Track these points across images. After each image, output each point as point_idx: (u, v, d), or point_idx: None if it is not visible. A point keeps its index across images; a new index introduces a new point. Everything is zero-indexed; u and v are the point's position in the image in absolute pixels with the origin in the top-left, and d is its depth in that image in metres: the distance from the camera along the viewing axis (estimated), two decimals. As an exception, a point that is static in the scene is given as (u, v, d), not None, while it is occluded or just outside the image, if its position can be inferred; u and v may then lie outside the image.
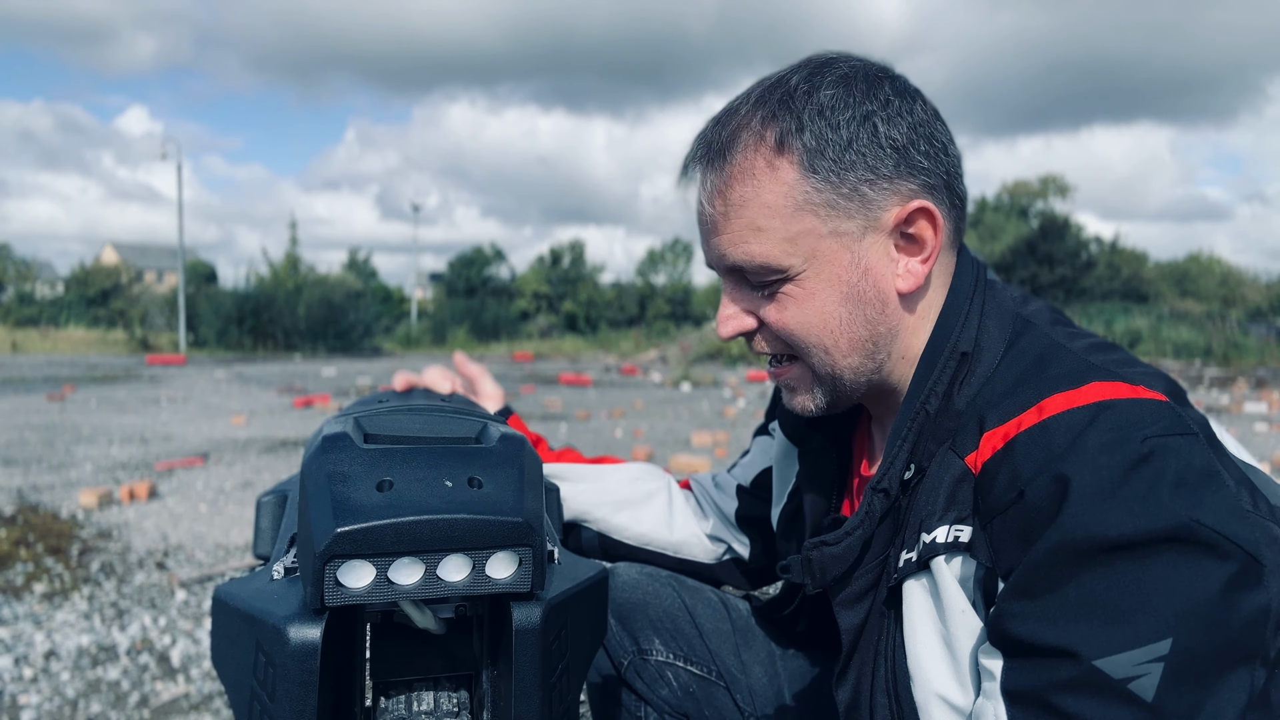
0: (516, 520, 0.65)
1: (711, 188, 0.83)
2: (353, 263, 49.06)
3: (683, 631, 1.18)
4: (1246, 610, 0.64)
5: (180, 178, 29.10)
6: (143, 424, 8.92)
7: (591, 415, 10.19)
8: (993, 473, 0.72)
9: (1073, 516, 0.66)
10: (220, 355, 24.31)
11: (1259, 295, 32.25)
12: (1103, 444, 0.68)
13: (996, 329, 0.83)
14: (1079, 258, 32.14)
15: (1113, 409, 0.70)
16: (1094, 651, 0.63)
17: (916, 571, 0.78)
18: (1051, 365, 0.77)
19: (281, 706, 0.63)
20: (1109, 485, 0.66)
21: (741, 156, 0.82)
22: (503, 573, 0.66)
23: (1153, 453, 0.67)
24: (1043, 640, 0.66)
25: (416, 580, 0.64)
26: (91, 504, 5.06)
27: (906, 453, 0.81)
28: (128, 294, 38.69)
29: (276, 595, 0.67)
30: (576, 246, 49.99)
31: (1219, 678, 0.64)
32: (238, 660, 0.66)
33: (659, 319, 41.15)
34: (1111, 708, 0.63)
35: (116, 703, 2.59)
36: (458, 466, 0.69)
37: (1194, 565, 0.64)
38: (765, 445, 1.21)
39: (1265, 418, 10.18)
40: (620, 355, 26.24)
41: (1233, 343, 21.36)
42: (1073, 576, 0.65)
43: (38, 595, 3.52)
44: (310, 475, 0.67)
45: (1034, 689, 0.66)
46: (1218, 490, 0.67)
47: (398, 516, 0.63)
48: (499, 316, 36.01)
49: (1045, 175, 43.50)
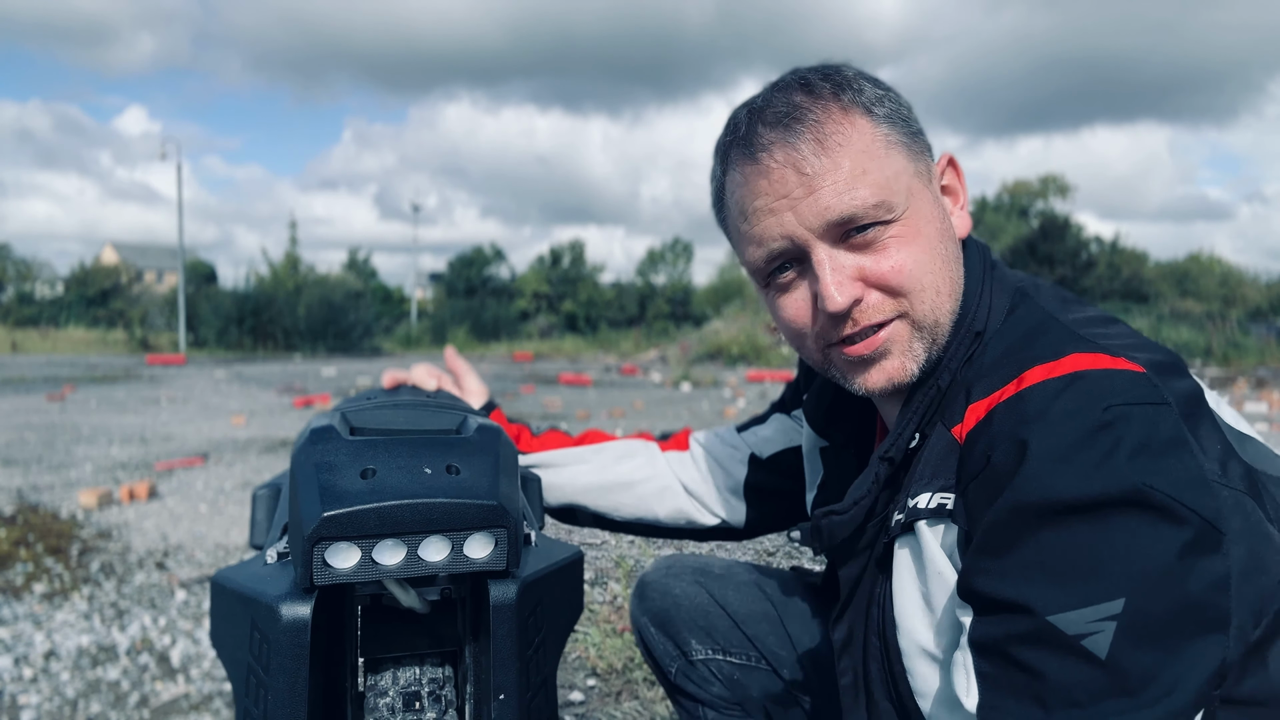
0: (491, 503, 0.70)
1: (806, 149, 0.81)
2: (352, 263, 49.07)
3: (716, 625, 1.20)
4: (1205, 576, 0.65)
5: (180, 178, 29.12)
6: (143, 424, 8.92)
7: (591, 415, 10.20)
8: (973, 442, 0.76)
9: (1028, 478, 0.68)
10: (220, 355, 24.32)
11: (1259, 295, 32.27)
12: (1067, 411, 0.70)
13: (996, 309, 0.86)
14: (1079, 258, 32.15)
15: (1086, 379, 0.72)
16: (1048, 607, 0.65)
17: (903, 533, 0.81)
18: (1039, 338, 0.79)
19: (276, 679, 0.67)
20: (1066, 449, 0.68)
21: (825, 117, 0.82)
22: (480, 553, 0.71)
23: (1115, 420, 0.68)
24: (1002, 595, 0.68)
25: (399, 561, 0.69)
26: (91, 504, 5.06)
27: (915, 424, 0.84)
28: (128, 294, 38.74)
29: (270, 577, 0.71)
30: (576, 246, 50.03)
31: (1181, 643, 0.64)
32: (235, 639, 0.71)
33: (659, 319, 41.18)
34: (1066, 662, 0.64)
35: (116, 703, 2.59)
36: (437, 455, 0.73)
37: (1148, 529, 0.65)
38: (787, 426, 1.21)
39: (1265, 418, 10.19)
40: (620, 355, 26.24)
41: (1233, 343, 21.37)
42: (1029, 536, 0.67)
43: (38, 595, 3.52)
44: (299, 465, 0.72)
45: (995, 641, 0.68)
46: (1180, 458, 0.68)
47: (380, 501, 0.68)
48: (499, 316, 36.01)
49: (1045, 175, 43.58)
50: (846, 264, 0.82)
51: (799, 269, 0.86)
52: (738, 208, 0.87)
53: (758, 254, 0.86)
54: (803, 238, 0.82)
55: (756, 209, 0.84)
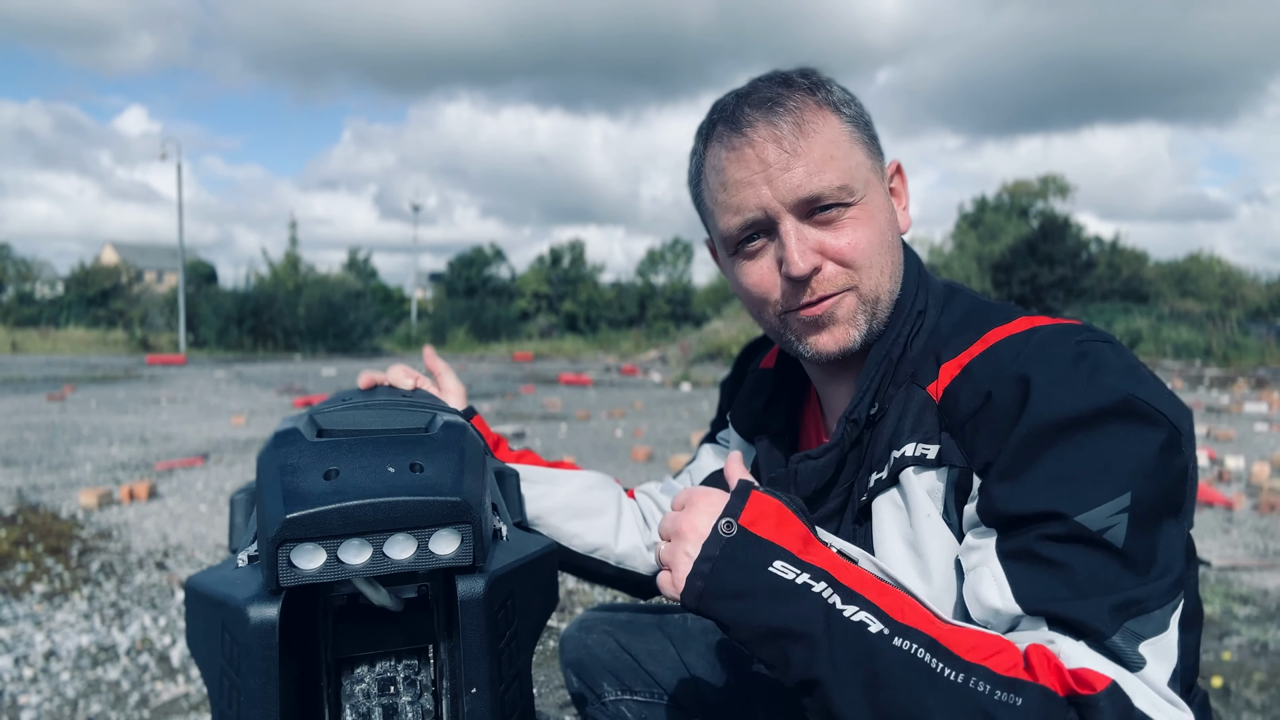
0: (455, 499, 0.71)
1: (786, 130, 0.92)
2: (352, 263, 49.06)
3: (623, 668, 1.31)
4: (1175, 469, 0.78)
5: (180, 178, 29.11)
6: (143, 424, 8.92)
7: (591, 415, 10.19)
8: (955, 393, 0.86)
9: (1039, 403, 0.79)
10: (220, 355, 24.32)
11: (1259, 295, 32.24)
12: (1048, 350, 0.82)
13: (935, 294, 1.00)
14: (1079, 258, 32.13)
15: (1041, 330, 0.86)
16: (1076, 509, 0.75)
17: (887, 487, 0.90)
18: (985, 311, 0.94)
19: (247, 681, 0.68)
20: (1061, 376, 0.80)
21: (803, 106, 0.94)
22: (446, 549, 0.71)
23: (1087, 351, 0.82)
24: (1032, 509, 0.77)
25: (365, 560, 0.70)
26: (91, 504, 5.06)
27: (873, 391, 0.94)
28: (128, 294, 38.73)
29: (240, 580, 0.72)
30: (576, 246, 50.01)
31: (1163, 525, 0.77)
32: (209, 641, 0.71)
33: (659, 319, 41.18)
34: (1092, 554, 0.75)
35: (116, 703, 2.59)
36: (401, 453, 0.74)
37: (1137, 432, 0.77)
38: (715, 450, 1.28)
39: (1265, 418, 10.18)
40: (620, 355, 26.24)
41: (1233, 343, 21.36)
42: (1045, 453, 0.78)
43: (38, 595, 3.52)
44: (264, 469, 0.73)
45: (1025, 546, 0.77)
46: (1146, 374, 0.82)
47: (343, 501, 0.68)
48: (499, 316, 36.00)
49: (1045, 175, 43.44)
50: (810, 236, 0.93)
51: (767, 239, 0.96)
52: (719, 179, 0.96)
53: (734, 221, 0.95)
54: (774, 210, 0.92)
55: (737, 180, 0.94)
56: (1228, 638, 3.19)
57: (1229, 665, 2.93)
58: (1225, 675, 2.82)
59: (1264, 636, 3.17)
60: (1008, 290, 31.78)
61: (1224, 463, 6.85)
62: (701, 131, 1.00)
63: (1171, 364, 20.02)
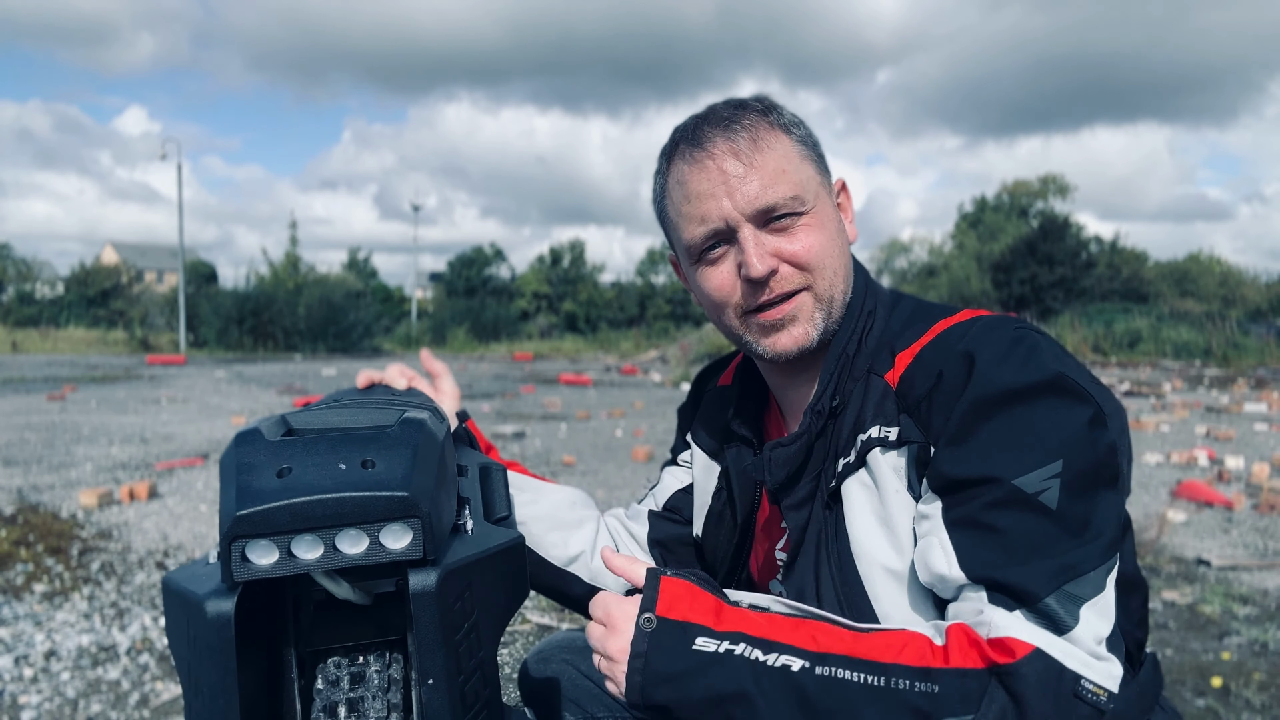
0: (403, 494, 0.72)
1: (743, 145, 1.01)
2: (353, 263, 49.08)
3: (584, 694, 1.34)
4: (1103, 443, 0.86)
5: (180, 178, 29.11)
6: (143, 424, 8.92)
7: (591, 415, 10.19)
8: (910, 378, 0.95)
9: (981, 377, 0.87)
10: (220, 355, 24.32)
11: (1259, 295, 32.25)
12: (990, 334, 0.92)
13: (882, 298, 1.09)
14: (1079, 258, 32.12)
15: (982, 319, 0.96)
16: (1011, 474, 0.83)
17: (855, 469, 0.97)
18: (931, 308, 1.04)
19: (207, 673, 0.71)
20: (1002, 354, 0.89)
21: (757, 124, 1.03)
22: (397, 543, 0.73)
23: (1023, 335, 0.91)
24: (972, 474, 0.85)
25: (318, 555, 0.72)
26: (91, 504, 5.07)
27: (834, 384, 1.02)
28: (128, 294, 38.76)
29: (205, 576, 0.75)
30: (576, 246, 50.00)
31: (1098, 495, 0.84)
32: (177, 635, 0.75)
33: (659, 319, 41.19)
34: (1028, 517, 0.83)
35: (116, 703, 2.59)
36: (354, 451, 0.76)
37: (1068, 406, 0.86)
38: (677, 472, 1.33)
39: (1265, 418, 10.18)
40: (620, 355, 26.24)
41: (1233, 343, 21.36)
42: (986, 422, 0.86)
43: (38, 595, 3.52)
44: (223, 469, 0.76)
45: (968, 514, 0.85)
46: (1073, 358, 0.92)
47: (292, 498, 0.70)
48: (499, 316, 35.99)
49: (1045, 175, 43.42)
50: (766, 242, 1.01)
51: (728, 246, 1.04)
52: (682, 192, 1.04)
53: (698, 230, 1.03)
54: (734, 219, 1.01)
55: (700, 192, 1.02)
56: (1228, 638, 3.19)
57: (1229, 665, 2.93)
58: (1225, 675, 2.82)
59: (1264, 636, 3.17)
60: (1008, 290, 31.79)
61: (1224, 463, 6.86)
62: (665, 152, 1.09)
63: (1171, 364, 20.02)
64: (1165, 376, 16.62)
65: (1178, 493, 5.70)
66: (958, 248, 40.82)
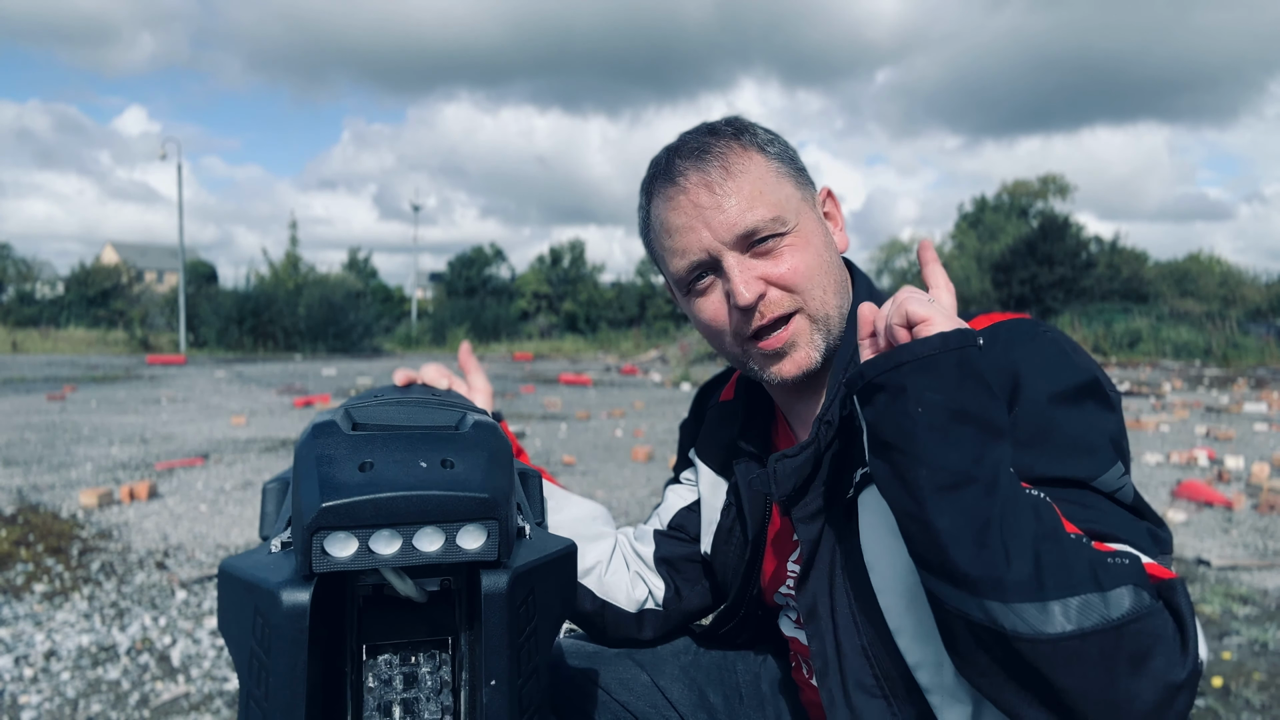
0: (483, 496, 0.73)
1: (715, 174, 1.00)
2: (353, 263, 49.06)
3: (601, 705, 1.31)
4: (1125, 433, 0.91)
5: (180, 178, 29.10)
6: (143, 424, 8.92)
7: (591, 415, 10.20)
8: None
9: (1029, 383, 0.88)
10: (220, 355, 24.32)
11: (1259, 295, 32.26)
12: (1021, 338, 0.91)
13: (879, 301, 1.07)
14: (1079, 258, 32.11)
15: (1002, 324, 0.95)
16: (1093, 474, 0.85)
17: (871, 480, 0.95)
18: None
19: (277, 662, 0.71)
20: (1044, 360, 0.89)
21: (729, 150, 1.02)
22: (472, 544, 0.74)
23: (1055, 338, 0.93)
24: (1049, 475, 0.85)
25: (395, 550, 0.72)
26: (92, 504, 5.07)
27: (842, 394, 0.97)
28: (128, 294, 38.78)
29: (273, 565, 0.75)
30: (576, 246, 49.98)
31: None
32: (240, 624, 0.74)
33: (659, 319, 41.14)
34: (1114, 508, 0.85)
35: (116, 703, 2.59)
36: (433, 450, 0.77)
37: (1105, 404, 0.89)
38: (681, 490, 1.32)
39: (1265, 418, 10.18)
40: (620, 355, 26.25)
41: (1233, 343, 21.37)
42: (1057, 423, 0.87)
43: (38, 595, 3.53)
44: (301, 459, 0.76)
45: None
46: (1089, 355, 0.94)
47: (376, 493, 0.71)
48: (499, 316, 35.99)
49: (1045, 175, 43.36)
50: (753, 267, 1.00)
51: (715, 275, 1.03)
52: (662, 227, 1.04)
53: (681, 264, 1.03)
54: (716, 249, 1.00)
55: (678, 226, 1.02)
56: (1228, 638, 3.19)
57: (1229, 665, 2.93)
58: (1225, 675, 2.82)
59: (1264, 636, 3.17)
60: (1008, 290, 31.78)
61: (1224, 463, 6.86)
62: (644, 187, 1.08)
63: (1171, 364, 20.01)
64: (1165, 376, 16.62)
65: (1178, 493, 5.70)
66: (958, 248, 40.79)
